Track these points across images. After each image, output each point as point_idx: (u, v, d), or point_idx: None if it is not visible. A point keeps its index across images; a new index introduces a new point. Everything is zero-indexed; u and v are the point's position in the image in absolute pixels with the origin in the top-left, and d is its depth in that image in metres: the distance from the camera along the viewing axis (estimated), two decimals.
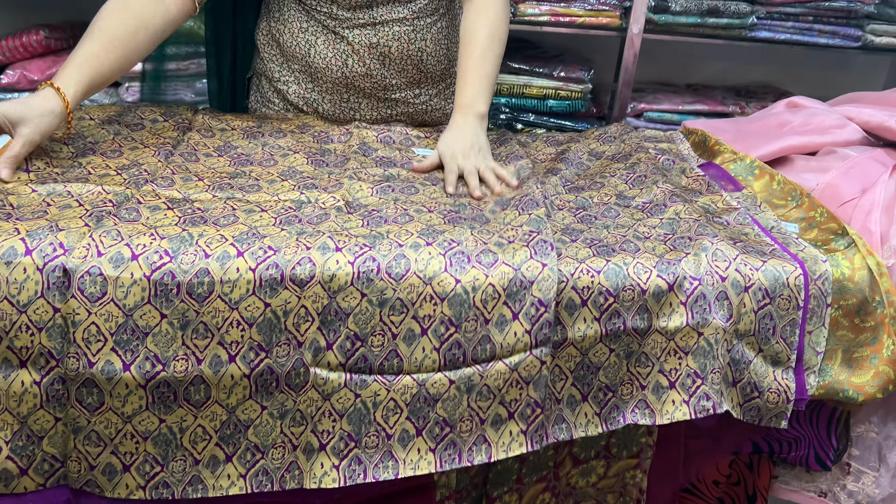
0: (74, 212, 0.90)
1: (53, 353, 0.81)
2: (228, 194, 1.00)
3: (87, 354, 0.80)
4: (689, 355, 0.93)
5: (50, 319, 0.80)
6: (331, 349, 0.86)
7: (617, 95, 1.98)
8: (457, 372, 0.88)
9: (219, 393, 0.85)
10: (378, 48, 1.30)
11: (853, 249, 1.02)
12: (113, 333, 0.80)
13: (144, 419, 0.84)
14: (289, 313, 0.84)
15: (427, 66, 1.37)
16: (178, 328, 0.82)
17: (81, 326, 0.80)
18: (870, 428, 1.08)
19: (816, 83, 2.38)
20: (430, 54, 1.35)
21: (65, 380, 0.81)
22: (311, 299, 0.84)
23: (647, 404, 0.94)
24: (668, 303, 0.93)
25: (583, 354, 0.93)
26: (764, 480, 1.16)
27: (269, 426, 0.88)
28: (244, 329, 0.83)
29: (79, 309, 0.80)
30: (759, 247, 1.01)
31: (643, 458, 1.08)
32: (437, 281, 0.86)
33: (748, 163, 1.24)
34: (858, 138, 1.30)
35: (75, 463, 0.84)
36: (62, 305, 0.80)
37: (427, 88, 1.40)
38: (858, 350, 1.01)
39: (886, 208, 1.10)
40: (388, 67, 1.33)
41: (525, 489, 1.05)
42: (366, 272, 0.85)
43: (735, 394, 0.97)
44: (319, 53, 1.32)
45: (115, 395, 0.82)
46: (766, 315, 0.96)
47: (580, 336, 0.91)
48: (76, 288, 0.79)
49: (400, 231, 0.93)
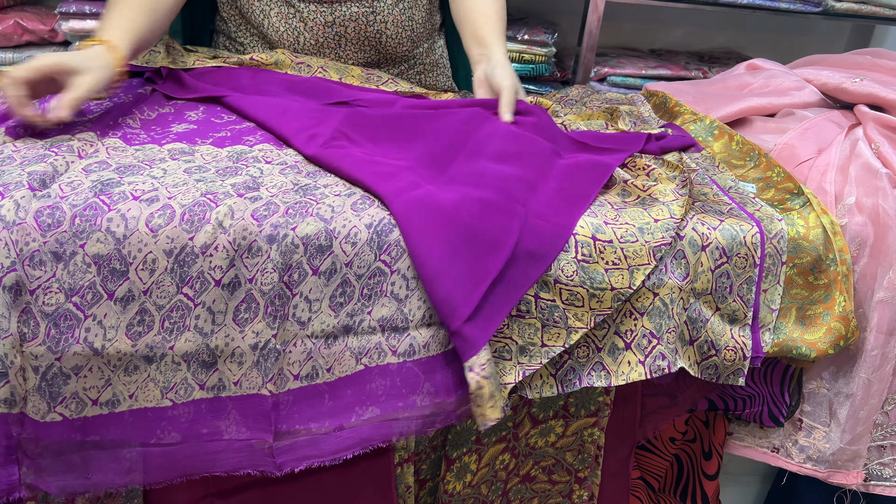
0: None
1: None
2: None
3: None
4: (645, 316, 0.93)
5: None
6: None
7: (580, 59, 1.96)
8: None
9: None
10: (333, 27, 1.25)
11: (808, 208, 1.03)
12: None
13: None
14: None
15: (386, 47, 1.31)
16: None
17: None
18: (821, 384, 1.10)
19: (778, 49, 2.39)
20: (390, 37, 1.30)
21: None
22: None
23: (603, 366, 0.94)
24: None
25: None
26: (719, 437, 1.18)
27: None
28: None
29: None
30: (716, 206, 1.01)
31: (601, 416, 1.09)
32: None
33: (707, 123, 1.24)
34: (816, 100, 1.31)
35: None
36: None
37: (388, 69, 1.36)
38: (812, 307, 1.02)
39: (841, 168, 1.11)
40: (344, 48, 1.28)
41: (484, 450, 1.06)
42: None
43: (692, 352, 0.97)
44: (272, 25, 1.26)
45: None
46: (723, 273, 0.96)
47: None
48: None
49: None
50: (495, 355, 0.88)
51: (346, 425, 0.87)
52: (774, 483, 1.34)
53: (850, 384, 1.07)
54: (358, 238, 0.84)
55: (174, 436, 0.83)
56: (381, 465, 1.00)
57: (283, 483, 0.98)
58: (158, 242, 0.79)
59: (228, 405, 0.84)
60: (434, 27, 1.42)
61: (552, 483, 1.13)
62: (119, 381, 0.80)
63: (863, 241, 1.04)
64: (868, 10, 1.98)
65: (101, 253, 0.77)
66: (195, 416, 0.83)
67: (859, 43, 2.41)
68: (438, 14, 1.44)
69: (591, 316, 0.90)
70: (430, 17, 1.38)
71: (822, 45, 2.43)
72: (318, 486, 0.99)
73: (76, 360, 0.78)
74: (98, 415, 0.80)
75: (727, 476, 1.31)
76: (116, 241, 0.78)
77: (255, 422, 0.85)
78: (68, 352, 0.77)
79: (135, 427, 0.82)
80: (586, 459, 1.12)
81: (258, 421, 0.85)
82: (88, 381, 0.79)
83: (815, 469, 1.11)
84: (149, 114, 1.07)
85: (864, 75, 1.28)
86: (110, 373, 0.80)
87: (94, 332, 0.78)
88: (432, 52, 1.42)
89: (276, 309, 0.82)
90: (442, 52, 1.46)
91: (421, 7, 1.34)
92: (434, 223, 0.85)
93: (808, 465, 1.11)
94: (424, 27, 1.36)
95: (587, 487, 1.15)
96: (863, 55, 1.40)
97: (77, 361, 0.78)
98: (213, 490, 0.96)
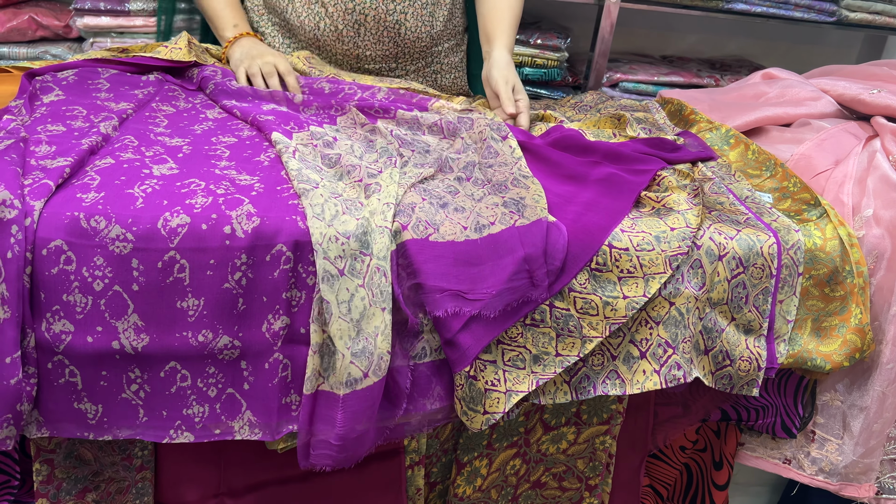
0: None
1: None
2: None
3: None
4: (661, 325, 0.93)
5: None
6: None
7: (593, 65, 1.96)
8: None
9: None
10: (354, 14, 1.26)
11: (825, 220, 1.03)
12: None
13: None
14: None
15: (405, 40, 1.32)
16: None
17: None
18: (835, 396, 1.09)
19: (790, 58, 2.38)
20: (409, 29, 1.31)
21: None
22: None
23: (617, 374, 0.94)
24: None
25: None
26: (730, 447, 1.18)
27: None
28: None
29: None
30: (733, 216, 1.01)
31: (613, 424, 1.09)
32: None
33: (724, 132, 1.24)
34: (832, 111, 1.31)
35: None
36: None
37: (404, 64, 1.36)
38: (827, 319, 1.02)
39: (859, 180, 1.10)
40: (363, 36, 1.29)
41: (495, 454, 1.05)
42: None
43: (707, 362, 0.97)
44: (295, 10, 1.29)
45: None
46: (740, 284, 0.96)
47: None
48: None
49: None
50: (508, 364, 0.88)
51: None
52: (784, 494, 1.33)
53: (864, 397, 1.06)
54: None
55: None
56: (392, 467, 1.00)
57: (294, 483, 0.98)
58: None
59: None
60: (456, 29, 1.42)
61: (562, 490, 1.13)
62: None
63: (880, 253, 1.03)
64: (882, 21, 1.98)
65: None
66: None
67: (871, 53, 2.40)
68: (463, 17, 1.44)
69: (606, 325, 0.89)
70: (452, 18, 1.39)
71: (834, 55, 2.42)
72: (329, 486, 0.99)
73: None
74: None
75: (736, 486, 1.31)
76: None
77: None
78: None
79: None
80: (597, 467, 1.12)
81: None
82: None
83: (826, 481, 1.11)
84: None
85: (881, 87, 1.28)
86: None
87: None
88: (453, 54, 1.42)
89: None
90: (463, 56, 1.46)
91: (443, 5, 1.35)
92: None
93: (820, 478, 1.11)
94: (445, 26, 1.37)
95: (598, 495, 1.14)
96: (880, 66, 1.40)
97: None
98: (224, 489, 0.96)
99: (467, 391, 0.86)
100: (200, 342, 0.80)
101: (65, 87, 1.07)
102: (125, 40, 1.56)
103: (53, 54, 1.57)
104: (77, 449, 0.89)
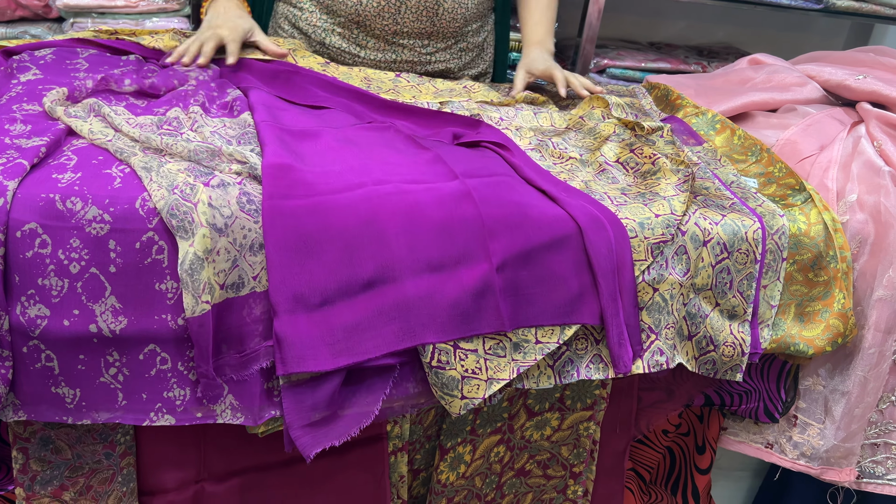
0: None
1: None
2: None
3: None
4: (644, 310, 0.93)
5: None
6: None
7: (580, 50, 1.95)
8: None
9: None
10: None
11: (810, 205, 1.03)
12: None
13: None
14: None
15: (442, 20, 1.35)
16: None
17: None
18: (817, 381, 1.10)
19: (777, 45, 2.38)
20: (447, 10, 1.34)
21: None
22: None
23: (601, 358, 0.93)
24: None
25: None
26: (713, 432, 1.18)
27: None
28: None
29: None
30: (718, 201, 1.01)
31: (597, 409, 1.08)
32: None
33: (710, 117, 1.23)
34: (818, 96, 1.31)
35: None
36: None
37: (436, 42, 1.39)
38: (811, 304, 1.02)
39: (843, 165, 1.10)
40: (402, 14, 1.32)
41: (479, 441, 1.05)
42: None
43: (691, 347, 0.97)
44: None
45: None
46: (724, 269, 0.96)
47: None
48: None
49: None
50: (489, 352, 0.87)
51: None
52: (766, 479, 1.34)
53: (846, 381, 1.07)
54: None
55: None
56: (374, 453, 0.99)
57: (275, 469, 0.97)
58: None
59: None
60: (487, 9, 1.46)
61: (547, 478, 1.13)
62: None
63: (863, 238, 1.03)
64: (868, 9, 1.98)
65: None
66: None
67: (858, 41, 2.41)
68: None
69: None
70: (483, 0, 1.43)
71: (821, 43, 2.43)
72: (310, 472, 0.98)
73: None
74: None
75: (718, 471, 1.31)
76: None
77: None
78: None
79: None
80: (581, 454, 1.12)
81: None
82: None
83: (808, 465, 1.11)
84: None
85: (866, 73, 1.28)
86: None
87: None
88: (479, 34, 1.46)
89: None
90: (488, 35, 1.50)
91: None
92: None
93: (802, 462, 1.12)
94: (479, 8, 1.41)
95: (582, 483, 1.14)
96: (866, 52, 1.40)
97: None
98: (205, 475, 0.95)
99: (435, 379, 0.85)
100: (180, 325, 0.79)
101: (42, 67, 1.05)
102: (106, 20, 1.54)
103: (33, 34, 1.54)
104: (53, 440, 0.88)
